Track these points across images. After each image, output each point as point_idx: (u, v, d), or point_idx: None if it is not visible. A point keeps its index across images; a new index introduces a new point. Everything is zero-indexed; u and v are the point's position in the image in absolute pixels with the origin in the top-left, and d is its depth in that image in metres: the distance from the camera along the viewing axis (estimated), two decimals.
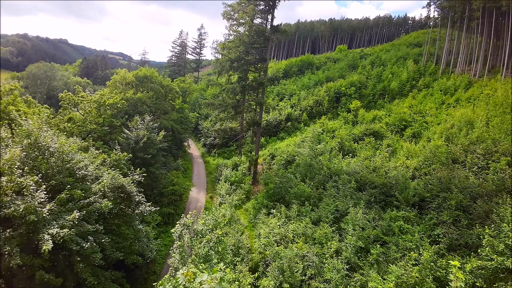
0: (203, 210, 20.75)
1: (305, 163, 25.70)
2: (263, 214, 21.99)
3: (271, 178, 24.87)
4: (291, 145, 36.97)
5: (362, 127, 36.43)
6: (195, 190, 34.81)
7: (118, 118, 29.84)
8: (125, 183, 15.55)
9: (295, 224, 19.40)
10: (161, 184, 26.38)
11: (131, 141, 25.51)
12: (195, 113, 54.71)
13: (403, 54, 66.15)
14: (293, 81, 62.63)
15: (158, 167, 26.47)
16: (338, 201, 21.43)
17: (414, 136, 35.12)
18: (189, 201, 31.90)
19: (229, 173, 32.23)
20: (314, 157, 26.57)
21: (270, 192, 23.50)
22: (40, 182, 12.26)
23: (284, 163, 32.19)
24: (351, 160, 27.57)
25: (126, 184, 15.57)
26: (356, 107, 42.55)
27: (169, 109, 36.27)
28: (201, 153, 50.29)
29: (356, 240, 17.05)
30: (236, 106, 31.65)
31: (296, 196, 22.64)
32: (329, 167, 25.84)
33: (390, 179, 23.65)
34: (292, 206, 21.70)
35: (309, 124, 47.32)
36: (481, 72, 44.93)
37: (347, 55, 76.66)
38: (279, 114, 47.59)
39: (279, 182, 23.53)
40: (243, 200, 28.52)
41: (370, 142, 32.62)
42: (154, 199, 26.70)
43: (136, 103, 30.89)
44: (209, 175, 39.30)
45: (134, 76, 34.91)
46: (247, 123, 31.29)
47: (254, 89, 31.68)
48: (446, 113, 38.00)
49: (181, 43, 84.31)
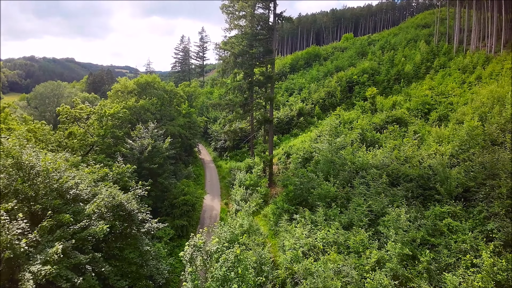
0: (218, 221, 18.41)
1: (325, 159, 22.94)
2: (285, 221, 19.36)
3: (289, 179, 22.23)
4: (306, 141, 34.20)
5: (382, 114, 33.28)
6: (209, 197, 32.55)
7: (122, 128, 27.97)
8: (124, 200, 13.27)
9: (323, 230, 16.70)
10: (171, 195, 24.19)
11: (135, 151, 23.43)
12: (203, 117, 52.70)
13: (413, 36, 63.18)
14: (301, 75, 59.76)
15: (166, 176, 24.30)
16: (370, 200, 18.57)
17: (440, 120, 31.98)
18: (203, 209, 29.66)
19: (243, 177, 29.78)
20: (335, 152, 23.75)
21: (290, 195, 20.86)
22: (15, 209, 10.09)
23: (301, 161, 29.46)
24: (376, 151, 24.59)
25: (125, 201, 13.29)
26: (372, 94, 39.31)
27: (175, 114, 34.22)
28: (212, 157, 48.16)
29: (401, 247, 14.21)
30: (244, 105, 29.19)
31: (320, 197, 19.92)
32: (354, 162, 22.97)
33: (426, 170, 20.64)
34: (317, 209, 18.99)
35: (323, 117, 44.41)
36: (496, 48, 42.02)
37: (354, 43, 73.26)
38: (290, 110, 44.89)
39: (299, 183, 20.86)
40: (260, 205, 25.99)
41: (394, 130, 29.54)
42: (165, 211, 24.55)
43: (139, 111, 28.93)
44: (222, 180, 37.00)
45: (135, 84, 33.06)
46: (258, 122, 28.76)
47: (262, 85, 29.12)
48: (472, 92, 34.98)
49: (183, 49, 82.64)
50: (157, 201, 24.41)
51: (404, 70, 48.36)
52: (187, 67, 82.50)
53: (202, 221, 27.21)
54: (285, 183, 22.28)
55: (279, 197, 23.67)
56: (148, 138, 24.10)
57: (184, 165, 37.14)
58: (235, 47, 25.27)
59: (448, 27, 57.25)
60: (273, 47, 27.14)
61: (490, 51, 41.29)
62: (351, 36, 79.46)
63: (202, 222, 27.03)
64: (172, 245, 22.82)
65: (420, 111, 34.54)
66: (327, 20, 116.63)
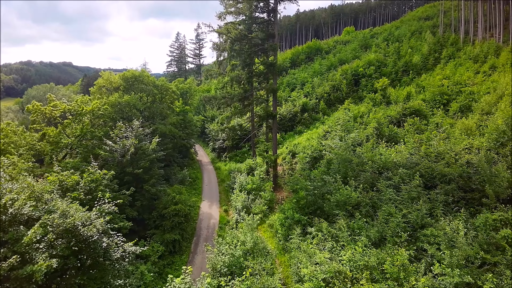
0: (215, 238, 14.57)
1: (341, 158, 19.08)
2: (297, 235, 15.50)
3: (299, 182, 18.36)
4: (314, 138, 30.38)
5: (397, 106, 29.48)
6: (207, 203, 28.69)
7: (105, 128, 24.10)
8: (80, 221, 9.41)
9: (349, 249, 12.85)
10: (161, 204, 20.32)
11: (116, 154, 19.56)
12: (199, 116, 48.83)
13: (416, 28, 60.43)
14: (302, 69, 55.98)
15: (154, 182, 20.41)
16: (403, 207, 14.72)
17: (462, 111, 28.42)
18: (199, 218, 25.76)
19: (244, 180, 25.92)
20: (351, 150, 19.90)
21: (302, 202, 16.99)
22: None
23: (309, 161, 25.63)
24: (399, 148, 20.76)
25: (81, 223, 9.43)
26: (383, 85, 35.58)
27: (167, 112, 30.38)
28: (210, 159, 44.25)
29: (460, 274, 10.40)
30: (244, 99, 25.32)
31: (338, 204, 16.07)
32: (374, 160, 19.13)
33: (464, 168, 16.86)
34: (338, 220, 15.14)
35: (329, 112, 40.62)
36: (504, 37, 39.67)
37: (356, 36, 69.51)
38: (293, 106, 41.02)
39: (312, 187, 16.96)
40: (265, 213, 22.14)
41: (414, 123, 25.81)
42: (154, 223, 20.68)
43: (124, 108, 25.11)
44: (221, 184, 33.13)
45: (121, 78, 29.21)
46: (259, 117, 24.90)
47: (263, 75, 25.27)
48: (491, 80, 31.82)
49: (179, 46, 78.42)
50: (144, 211, 20.54)
51: (412, 62, 45.11)
52: (183, 65, 78.36)
53: (198, 232, 23.32)
54: (294, 188, 18.39)
55: (287, 203, 19.78)
56: (132, 138, 20.23)
57: (179, 168, 33.30)
58: (231, 31, 21.48)
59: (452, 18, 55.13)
60: (275, 31, 23.30)
61: (499, 40, 39.54)
62: (352, 30, 75.71)
63: (198, 234, 23.14)
64: (161, 264, 18.95)
65: (438, 102, 30.93)
66: (326, 16, 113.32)
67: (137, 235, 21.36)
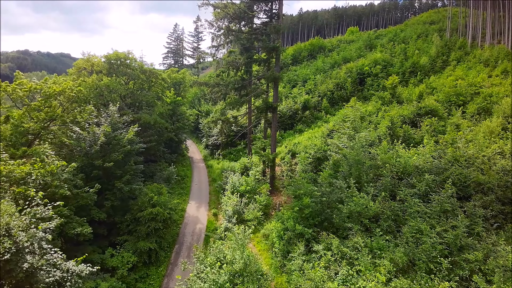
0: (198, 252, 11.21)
1: (353, 159, 15.86)
2: (300, 254, 12.23)
3: (303, 186, 15.09)
4: (317, 137, 27.18)
5: (411, 106, 26.45)
6: (195, 205, 25.33)
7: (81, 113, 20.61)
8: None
9: (369, 277, 9.61)
10: (135, 205, 16.91)
11: (83, 142, 16.13)
12: (193, 110, 45.44)
13: (422, 31, 58.42)
14: (304, 66, 52.88)
15: (129, 179, 16.98)
16: (435, 222, 11.53)
17: (479, 113, 25.86)
18: (184, 222, 22.37)
19: (237, 181, 22.61)
20: (364, 151, 16.70)
21: (306, 211, 13.69)
22: None
23: (312, 162, 22.42)
24: (420, 150, 17.62)
25: None
26: (393, 83, 32.54)
27: (155, 101, 26.96)
28: (203, 156, 40.86)
29: None
30: (241, 88, 22.00)
31: (352, 216, 12.84)
32: (392, 164, 15.95)
33: (501, 175, 13.82)
34: (351, 236, 11.92)
35: (332, 111, 37.51)
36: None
37: (361, 36, 66.72)
38: (294, 103, 37.81)
39: (319, 193, 13.69)
40: (259, 220, 18.84)
41: (431, 124, 22.92)
42: (127, 228, 17.25)
43: (103, 91, 21.68)
44: (212, 183, 29.77)
45: (104, 61, 25.76)
46: (258, 110, 21.60)
47: (264, 62, 22.01)
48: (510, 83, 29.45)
49: (176, 38, 74.68)
50: (116, 213, 17.11)
51: (419, 63, 42.75)
52: (181, 58, 74.50)
53: (181, 239, 19.90)
54: (296, 193, 15.11)
55: (286, 211, 16.47)
56: (105, 125, 16.82)
57: (167, 164, 29.88)
58: (229, 6, 18.23)
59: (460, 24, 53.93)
60: (279, 11, 20.05)
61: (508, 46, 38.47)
62: (357, 30, 72.84)
63: (180, 241, 19.73)
64: (133, 278, 15.54)
65: (453, 104, 28.18)
66: (329, 16, 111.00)
67: (108, 241, 18.01)
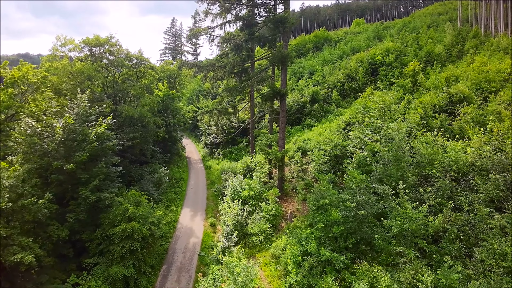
0: None
1: (392, 156, 11.78)
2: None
3: (329, 195, 10.98)
4: (332, 131, 23.16)
5: (441, 93, 22.37)
6: (189, 213, 21.36)
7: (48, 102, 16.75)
8: None
9: None
10: (107, 219, 12.97)
11: (36, 138, 12.20)
12: (191, 106, 41.54)
13: (431, 22, 54.61)
14: (309, 58, 48.85)
15: (98, 186, 13.05)
16: None
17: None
18: (176, 235, 18.37)
19: (238, 184, 18.59)
20: (405, 144, 12.63)
21: (336, 230, 9.60)
22: None
23: (328, 160, 18.39)
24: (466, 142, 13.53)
25: None
26: (415, 70, 28.47)
27: (144, 93, 23.04)
28: (201, 156, 36.91)
29: None
30: (241, 73, 18.03)
31: (404, 235, 8.79)
32: (440, 160, 11.88)
33: None
34: (404, 266, 7.88)
35: (343, 104, 33.47)
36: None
37: (367, 28, 62.63)
38: (301, 95, 33.79)
39: (354, 204, 9.64)
40: (267, 234, 14.83)
41: (468, 113, 18.91)
42: (98, 248, 13.31)
43: (76, 79, 17.81)
44: (210, 187, 25.79)
45: (84, 46, 21.83)
46: (263, 98, 17.54)
47: (269, 42, 18.01)
48: None
49: (174, 33, 70.73)
50: (84, 228, 13.17)
51: (434, 52, 38.88)
52: (179, 55, 70.59)
53: (170, 258, 15.90)
54: (320, 203, 11.03)
55: (302, 225, 12.42)
56: (67, 115, 12.90)
57: (160, 166, 25.95)
58: None
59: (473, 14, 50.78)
60: None
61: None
62: (363, 22, 68.70)
63: (169, 260, 15.73)
64: None
65: (484, 91, 24.12)
66: (332, 11, 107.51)
67: (76, 263, 14.07)
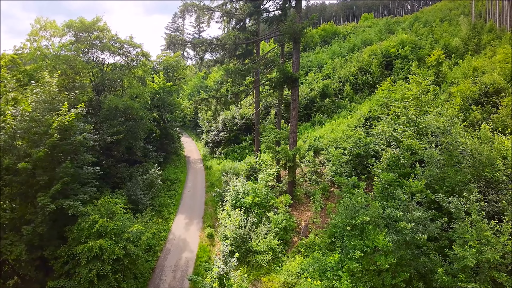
0: None
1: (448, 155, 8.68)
2: None
3: (365, 210, 7.89)
4: (350, 127, 20.06)
5: (473, 84, 19.18)
6: (184, 221, 18.37)
7: None
8: None
9: None
10: (72, 234, 10.08)
11: None
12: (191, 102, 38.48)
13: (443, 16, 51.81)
14: (318, 52, 45.83)
15: (62, 191, 10.15)
16: None
17: None
18: (166, 248, 15.37)
19: (241, 188, 15.56)
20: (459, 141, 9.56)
21: (382, 262, 6.62)
22: None
23: (349, 160, 15.32)
24: None
25: None
26: (438, 59, 25.32)
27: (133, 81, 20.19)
28: (202, 155, 33.96)
29: None
30: (244, 55, 15.06)
31: (474, 269, 5.67)
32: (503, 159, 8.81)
33: None
34: None
35: (356, 99, 30.35)
36: None
37: (377, 22, 59.51)
38: (310, 90, 30.71)
39: (411, 226, 6.58)
40: (276, 252, 11.82)
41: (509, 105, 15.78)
42: (63, 269, 10.42)
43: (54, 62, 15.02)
44: (210, 190, 22.78)
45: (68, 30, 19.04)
46: (271, 84, 14.44)
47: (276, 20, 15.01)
48: None
49: (175, 28, 67.95)
50: (48, 243, 10.28)
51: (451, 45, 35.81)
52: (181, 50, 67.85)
53: (156, 279, 12.87)
54: (355, 221, 7.88)
55: (325, 249, 9.35)
56: (24, 100, 10.00)
57: (153, 165, 23.07)
58: None
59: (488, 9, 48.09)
60: None
61: None
62: (372, 16, 65.56)
63: (156, 281, 12.68)
64: None
65: None
66: (338, 8, 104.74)
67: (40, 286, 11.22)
